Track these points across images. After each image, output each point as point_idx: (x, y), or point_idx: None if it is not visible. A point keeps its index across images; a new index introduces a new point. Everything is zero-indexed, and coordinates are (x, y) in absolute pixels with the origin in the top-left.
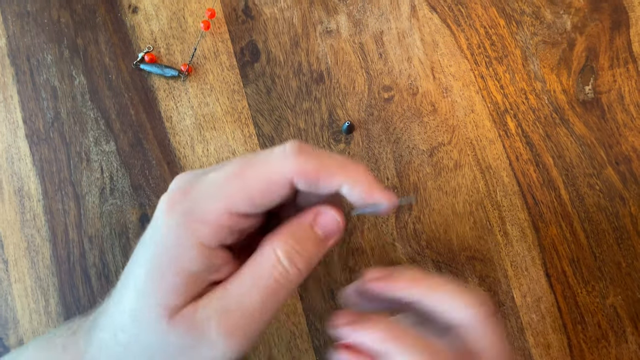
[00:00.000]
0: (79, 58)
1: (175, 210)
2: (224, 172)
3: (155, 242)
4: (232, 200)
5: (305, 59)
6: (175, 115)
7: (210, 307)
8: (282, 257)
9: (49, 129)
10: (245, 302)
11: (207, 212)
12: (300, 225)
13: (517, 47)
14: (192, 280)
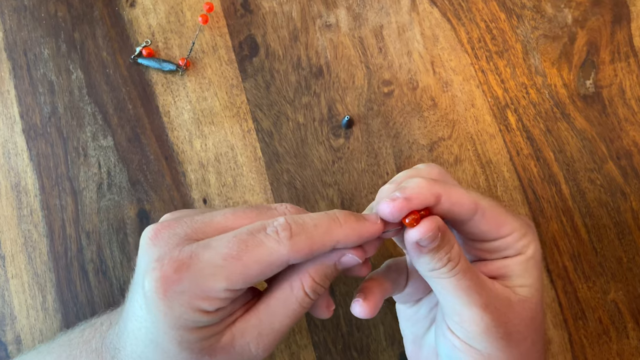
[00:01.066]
0: (76, 52)
1: (172, 292)
2: (221, 253)
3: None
4: (231, 282)
5: (305, 53)
6: (173, 110)
7: (247, 334)
8: (309, 292)
9: (46, 124)
10: (276, 326)
11: (206, 291)
12: (324, 264)
13: (518, 41)
14: (210, 329)
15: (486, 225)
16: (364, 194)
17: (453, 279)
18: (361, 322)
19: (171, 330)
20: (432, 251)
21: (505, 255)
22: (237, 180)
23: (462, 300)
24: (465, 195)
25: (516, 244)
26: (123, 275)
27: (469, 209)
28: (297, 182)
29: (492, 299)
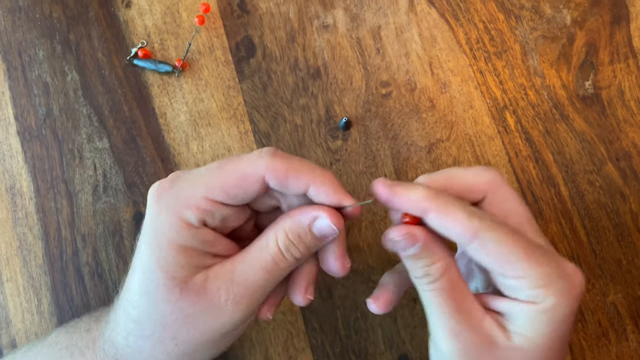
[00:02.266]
0: (72, 54)
1: (162, 198)
2: (206, 167)
3: (150, 227)
4: (209, 188)
5: (302, 54)
6: (170, 112)
7: (219, 278)
8: (282, 247)
9: (41, 126)
10: (249, 277)
11: (189, 197)
12: (299, 224)
13: (517, 42)
14: (190, 254)
15: (486, 259)
16: (362, 195)
17: (429, 293)
18: (359, 325)
19: (154, 242)
20: (409, 258)
21: (515, 297)
22: None
23: (434, 318)
24: (461, 221)
25: (528, 290)
26: (119, 278)
27: (462, 236)
28: None
29: (467, 331)
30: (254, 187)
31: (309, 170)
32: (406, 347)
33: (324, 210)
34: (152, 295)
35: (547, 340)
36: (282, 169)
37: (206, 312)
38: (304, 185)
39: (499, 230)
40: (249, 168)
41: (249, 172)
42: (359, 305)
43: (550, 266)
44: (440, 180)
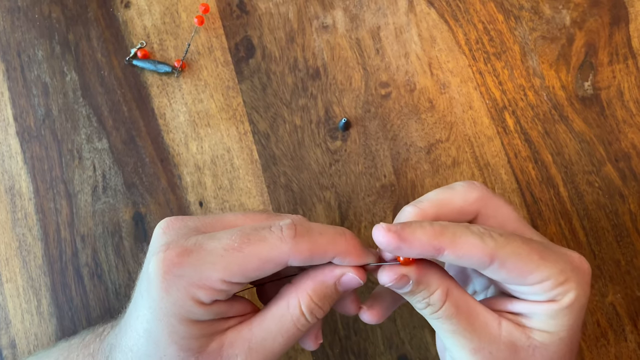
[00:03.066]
0: (71, 54)
1: (172, 274)
2: (223, 243)
3: (156, 302)
4: (228, 273)
5: (301, 54)
6: (169, 112)
7: (236, 345)
8: (305, 312)
9: (40, 126)
10: (268, 344)
11: (204, 279)
12: (324, 284)
13: (516, 42)
14: (202, 326)
15: (506, 275)
16: (361, 196)
17: (437, 322)
18: (359, 326)
19: (165, 317)
20: (406, 295)
21: (533, 300)
22: (234, 183)
23: (451, 342)
24: (476, 247)
25: (549, 292)
26: (118, 278)
27: (480, 262)
28: (294, 185)
29: (486, 344)
30: (275, 269)
31: (333, 245)
32: (405, 348)
33: (350, 270)
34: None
35: (568, 332)
36: (307, 252)
37: None
38: (328, 259)
39: (512, 243)
40: (272, 253)
41: (271, 257)
42: None
43: (562, 261)
44: (431, 210)
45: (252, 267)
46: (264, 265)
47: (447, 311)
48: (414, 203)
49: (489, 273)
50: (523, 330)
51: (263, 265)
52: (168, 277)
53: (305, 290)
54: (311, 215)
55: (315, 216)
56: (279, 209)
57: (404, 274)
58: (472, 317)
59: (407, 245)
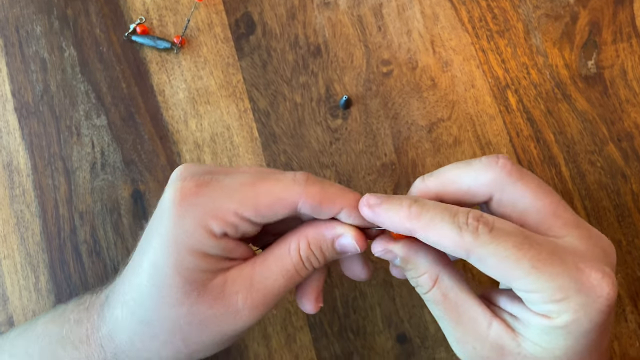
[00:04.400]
0: (69, 29)
1: (187, 203)
2: (239, 180)
3: (168, 230)
4: (242, 206)
5: (302, 31)
6: (168, 89)
7: (238, 282)
8: (304, 257)
9: (39, 102)
10: (269, 283)
11: (218, 209)
12: (322, 237)
13: (519, 20)
14: (209, 260)
15: (489, 272)
16: (361, 175)
17: (427, 302)
18: (358, 304)
19: (175, 246)
20: (398, 267)
21: (529, 306)
22: (233, 161)
23: (440, 324)
24: (449, 239)
25: (542, 305)
26: (117, 256)
27: (455, 252)
28: (294, 163)
29: (470, 338)
30: (285, 211)
31: (343, 197)
32: (404, 326)
33: (350, 229)
34: (167, 298)
35: (565, 353)
36: (318, 197)
37: (221, 317)
38: (337, 211)
39: (500, 243)
40: (284, 193)
41: (283, 196)
42: (358, 284)
43: (568, 277)
44: (435, 187)
45: (264, 203)
46: (276, 203)
47: (433, 296)
48: (424, 177)
49: (474, 263)
50: (515, 336)
51: (275, 203)
52: (184, 205)
53: (305, 237)
54: None
55: None
56: None
57: (390, 249)
58: (460, 309)
59: (380, 222)
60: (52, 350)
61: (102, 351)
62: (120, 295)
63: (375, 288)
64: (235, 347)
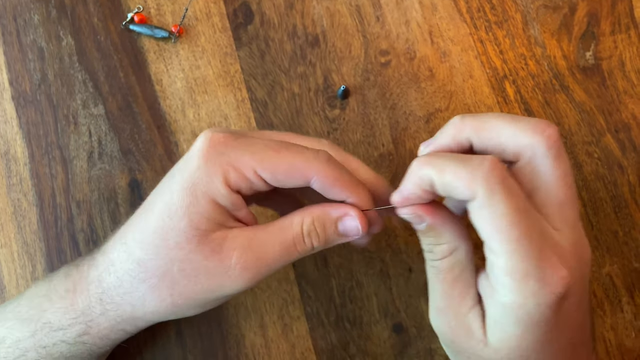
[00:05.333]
0: (67, 18)
1: (215, 150)
2: (265, 143)
3: (190, 173)
4: (261, 165)
5: (300, 21)
6: (166, 78)
7: (238, 240)
8: (305, 231)
9: (36, 91)
10: (266, 249)
11: (240, 162)
12: (328, 216)
13: (518, 11)
14: (220, 211)
15: (478, 220)
16: None
17: (429, 268)
18: (354, 294)
19: (192, 188)
20: (418, 231)
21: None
22: None
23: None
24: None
25: (501, 277)
26: None
27: (462, 193)
28: None
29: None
30: (299, 181)
31: (354, 186)
32: (401, 316)
33: (355, 210)
34: (169, 239)
35: (517, 342)
36: (332, 178)
37: (213, 270)
38: (344, 196)
39: (503, 198)
40: (303, 164)
41: (302, 167)
42: (354, 274)
43: (537, 266)
44: (471, 128)
45: (282, 169)
46: (293, 172)
47: (440, 265)
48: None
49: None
50: (482, 325)
51: (292, 172)
52: (211, 151)
53: (311, 214)
54: None
55: None
56: None
57: (420, 214)
58: (455, 284)
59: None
60: (38, 304)
61: (87, 296)
62: (120, 238)
63: (372, 278)
64: (233, 337)
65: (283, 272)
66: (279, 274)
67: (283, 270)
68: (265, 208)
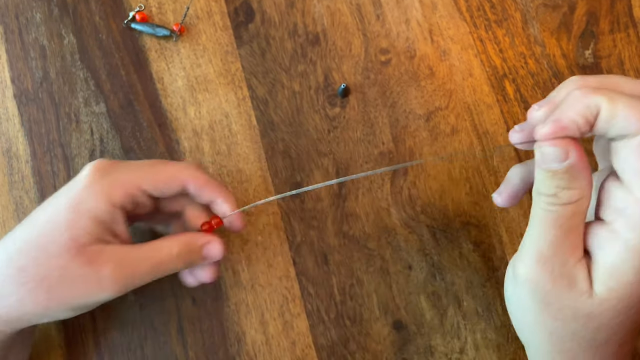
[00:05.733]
0: (69, 16)
1: (100, 174)
2: (141, 162)
3: (76, 192)
4: (144, 180)
5: (301, 20)
6: (167, 77)
7: (113, 254)
8: (174, 253)
9: (38, 89)
10: (138, 265)
11: (124, 182)
12: (194, 243)
13: (517, 10)
14: (99, 227)
15: None
16: (359, 163)
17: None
18: (355, 291)
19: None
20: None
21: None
22: (232, 148)
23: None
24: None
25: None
26: None
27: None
28: (292, 151)
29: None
30: (177, 188)
31: (220, 188)
32: (401, 313)
33: (217, 241)
34: (50, 249)
35: (629, 291)
36: (202, 181)
37: (88, 278)
38: (214, 198)
39: None
40: (177, 173)
41: (177, 175)
42: (355, 271)
43: None
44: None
45: (161, 179)
46: (171, 180)
47: (563, 210)
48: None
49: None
50: (589, 279)
51: (170, 180)
52: (96, 174)
53: (180, 239)
54: (309, 182)
55: (313, 182)
56: (277, 175)
57: (570, 149)
58: (569, 233)
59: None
60: None
61: None
62: (3, 246)
63: (372, 275)
64: (233, 334)
65: (283, 269)
66: (280, 271)
67: (284, 268)
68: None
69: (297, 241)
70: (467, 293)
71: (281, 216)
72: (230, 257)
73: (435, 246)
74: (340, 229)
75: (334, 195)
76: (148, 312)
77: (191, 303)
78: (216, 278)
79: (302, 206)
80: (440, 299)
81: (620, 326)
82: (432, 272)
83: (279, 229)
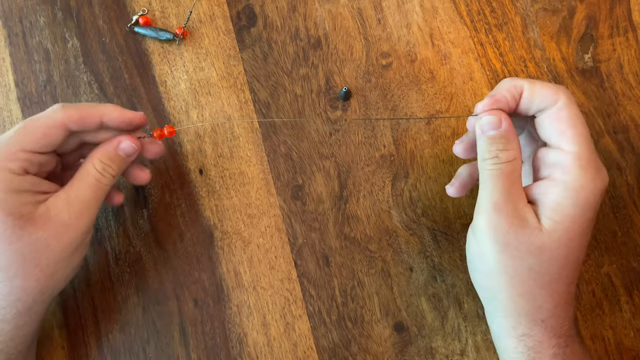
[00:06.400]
0: (72, 20)
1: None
2: (14, 129)
3: None
4: (23, 143)
5: (303, 24)
6: (170, 80)
7: (58, 203)
8: (99, 169)
9: (42, 93)
10: (81, 196)
11: (8, 152)
12: (108, 149)
13: (517, 14)
14: (25, 195)
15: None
16: (360, 166)
17: (490, 171)
18: (356, 293)
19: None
20: (487, 139)
21: (551, 175)
22: (234, 151)
23: (485, 192)
24: (548, 87)
25: (568, 166)
26: (118, 244)
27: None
28: (294, 154)
29: (508, 207)
30: (59, 135)
31: (97, 107)
32: (402, 315)
33: (124, 136)
34: (5, 236)
35: (572, 224)
36: (76, 114)
37: (56, 234)
38: (98, 119)
39: (575, 105)
40: (50, 121)
41: (51, 123)
42: (356, 273)
43: (592, 156)
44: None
45: (38, 134)
46: (47, 131)
47: (505, 167)
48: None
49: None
50: (536, 216)
51: (47, 132)
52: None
53: (95, 156)
54: (310, 184)
55: (315, 185)
56: (279, 177)
57: (503, 117)
58: (513, 185)
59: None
60: None
61: None
62: None
63: (374, 277)
64: (235, 335)
65: (285, 271)
66: (281, 274)
67: (285, 270)
68: None
69: (299, 243)
70: (468, 295)
71: (282, 218)
72: (232, 259)
73: (436, 248)
74: (341, 231)
75: (335, 197)
76: (150, 314)
77: (193, 305)
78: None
79: (303, 208)
80: (441, 301)
81: (567, 260)
82: (433, 274)
83: (281, 231)
